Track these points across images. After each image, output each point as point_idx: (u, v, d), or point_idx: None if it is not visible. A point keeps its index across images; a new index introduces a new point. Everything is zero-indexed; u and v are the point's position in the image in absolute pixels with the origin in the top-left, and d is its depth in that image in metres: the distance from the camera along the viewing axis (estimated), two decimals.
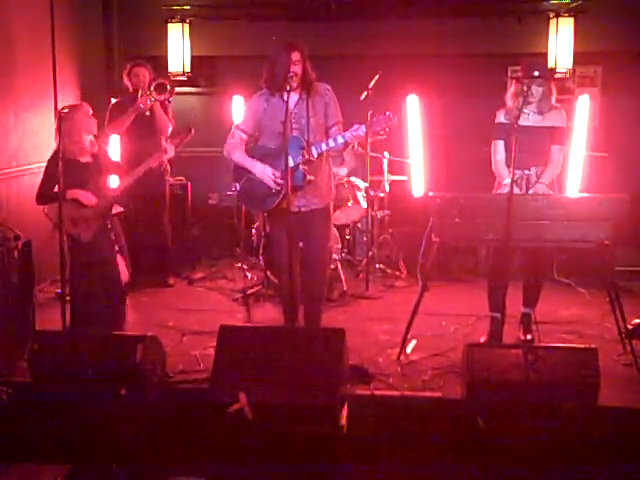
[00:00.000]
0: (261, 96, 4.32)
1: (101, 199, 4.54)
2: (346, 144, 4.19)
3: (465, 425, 3.58)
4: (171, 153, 4.78)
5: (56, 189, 4.29)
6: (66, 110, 4.33)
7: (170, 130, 5.70)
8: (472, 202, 4.21)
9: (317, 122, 4.24)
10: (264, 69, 4.25)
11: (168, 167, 6.05)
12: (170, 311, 5.34)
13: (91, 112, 4.59)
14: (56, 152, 4.40)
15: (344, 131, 4.19)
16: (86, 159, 4.56)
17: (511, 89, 4.49)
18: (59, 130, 4.23)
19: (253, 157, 4.31)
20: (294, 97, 4.22)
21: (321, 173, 4.29)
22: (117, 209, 4.69)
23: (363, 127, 4.10)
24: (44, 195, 4.54)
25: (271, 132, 4.26)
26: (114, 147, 5.74)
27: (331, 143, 4.16)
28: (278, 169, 4.19)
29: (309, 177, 4.17)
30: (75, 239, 4.49)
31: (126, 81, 5.88)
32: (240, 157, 4.33)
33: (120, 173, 4.68)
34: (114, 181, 4.66)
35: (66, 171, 4.15)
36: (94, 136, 4.59)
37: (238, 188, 4.40)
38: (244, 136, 4.36)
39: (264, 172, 4.23)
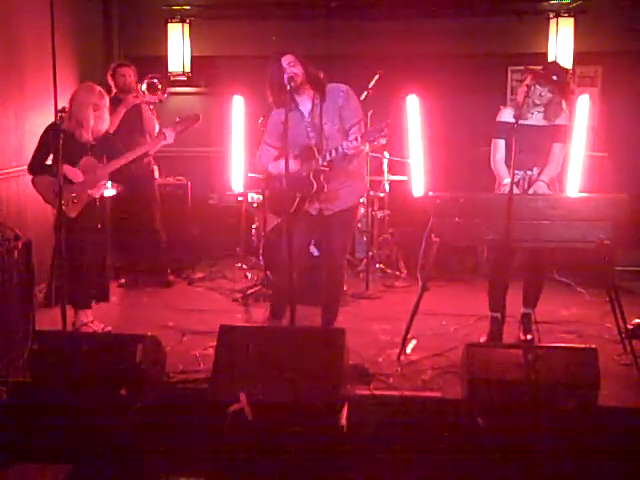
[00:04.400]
0: (280, 109, 4.24)
1: (89, 178, 4.58)
2: (345, 155, 4.08)
3: (465, 425, 3.58)
4: (170, 140, 4.75)
5: (49, 162, 4.52)
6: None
7: (157, 130, 5.65)
8: (472, 202, 4.22)
9: (332, 128, 4.18)
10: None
11: (155, 167, 6.02)
12: (170, 311, 5.34)
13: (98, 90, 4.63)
14: (52, 124, 4.47)
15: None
16: (85, 138, 4.60)
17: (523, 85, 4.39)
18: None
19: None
20: (308, 105, 4.20)
21: (339, 179, 4.21)
22: (108, 191, 4.71)
23: (359, 137, 4.00)
24: (34, 166, 4.67)
25: (292, 143, 4.15)
26: None
27: (333, 153, 4.08)
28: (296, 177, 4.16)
29: (317, 186, 4.14)
30: (58, 212, 4.52)
31: (110, 81, 5.82)
32: (274, 164, 4.33)
33: (116, 155, 4.69)
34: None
35: (63, 144, 4.18)
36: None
37: (267, 195, 4.49)
38: (272, 150, 4.35)
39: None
